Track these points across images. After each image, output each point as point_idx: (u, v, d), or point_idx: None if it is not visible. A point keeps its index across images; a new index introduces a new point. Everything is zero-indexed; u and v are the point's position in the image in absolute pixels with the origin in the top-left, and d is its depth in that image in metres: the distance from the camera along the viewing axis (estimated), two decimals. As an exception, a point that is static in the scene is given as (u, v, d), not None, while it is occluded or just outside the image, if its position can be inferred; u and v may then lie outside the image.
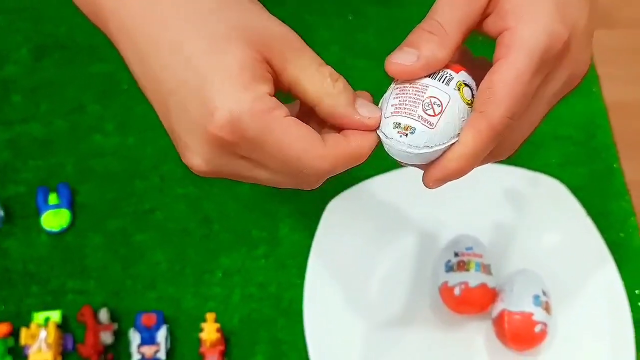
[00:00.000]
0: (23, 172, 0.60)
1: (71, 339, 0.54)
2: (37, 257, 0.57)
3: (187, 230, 0.59)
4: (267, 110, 0.31)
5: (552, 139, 0.63)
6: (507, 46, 0.32)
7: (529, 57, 0.32)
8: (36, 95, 0.63)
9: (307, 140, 0.31)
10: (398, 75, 0.33)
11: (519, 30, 0.32)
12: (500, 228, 0.58)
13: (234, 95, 0.30)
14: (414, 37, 0.33)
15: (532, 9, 0.32)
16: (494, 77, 0.32)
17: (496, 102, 0.32)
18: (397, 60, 0.32)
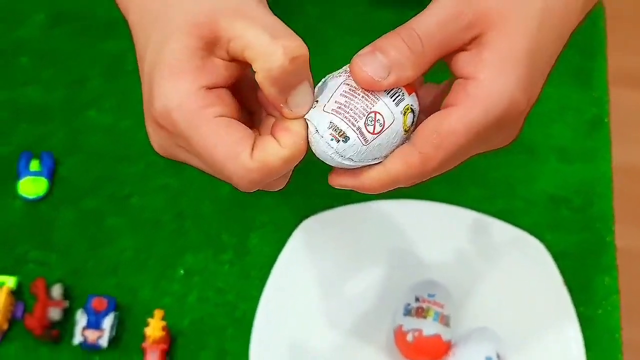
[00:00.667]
0: (13, 134, 0.60)
1: (22, 308, 0.54)
2: (7, 221, 0.57)
3: (159, 222, 0.58)
4: (197, 107, 0.30)
5: (548, 199, 0.61)
6: (468, 96, 0.31)
7: (485, 116, 0.31)
8: (43, 61, 0.64)
9: (233, 147, 0.30)
10: (362, 85, 0.31)
11: (486, 87, 0.31)
12: (470, 280, 0.56)
13: (169, 88, 0.30)
14: (388, 45, 0.31)
15: (506, 69, 0.31)
16: (445, 123, 0.31)
17: (438, 150, 0.31)
18: (367, 69, 0.31)
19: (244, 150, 0.30)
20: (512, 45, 0.31)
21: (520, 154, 0.62)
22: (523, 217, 0.59)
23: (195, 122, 0.30)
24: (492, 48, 0.31)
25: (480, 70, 0.31)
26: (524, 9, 0.32)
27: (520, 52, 0.31)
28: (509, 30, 0.31)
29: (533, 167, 0.62)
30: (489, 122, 0.31)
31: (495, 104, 0.31)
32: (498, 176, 0.61)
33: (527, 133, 0.62)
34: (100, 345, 0.52)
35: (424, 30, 0.31)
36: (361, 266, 0.56)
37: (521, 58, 0.31)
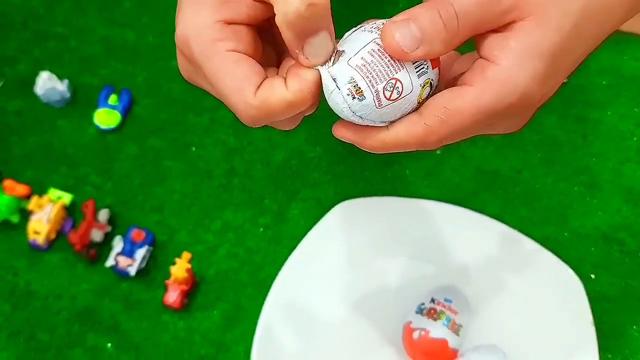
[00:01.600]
0: (103, 68, 0.65)
1: (71, 224, 0.58)
2: (79, 144, 0.62)
3: (210, 174, 0.61)
4: (211, 39, 0.31)
5: (600, 237, 0.58)
6: (485, 79, 0.31)
7: (495, 103, 0.31)
8: (144, 7, 0.68)
9: (239, 82, 0.31)
10: (389, 52, 0.31)
11: (504, 74, 0.31)
12: (494, 298, 0.54)
13: (189, 16, 0.31)
14: (424, 17, 0.30)
15: (528, 61, 0.31)
16: (456, 101, 0.31)
17: (443, 126, 0.31)
18: (398, 39, 0.30)
19: (249, 86, 0.31)
20: (541, 39, 0.30)
21: (581, 186, 0.59)
22: (569, 250, 0.57)
23: (207, 52, 0.31)
24: (521, 37, 0.31)
25: (504, 56, 0.31)
26: (562, 5, 0.31)
27: (547, 47, 0.30)
28: (543, 23, 0.31)
29: (593, 201, 0.59)
30: (499, 109, 0.31)
31: (508, 93, 0.31)
32: (552, 203, 0.59)
33: (595, 165, 0.60)
34: (129, 273, 0.56)
35: (463, 8, 0.30)
36: (387, 257, 0.56)
37: (546, 53, 0.31)
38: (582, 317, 0.53)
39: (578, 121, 0.62)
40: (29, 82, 0.63)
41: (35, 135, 0.62)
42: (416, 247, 0.56)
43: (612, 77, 0.64)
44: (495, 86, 0.30)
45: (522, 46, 0.30)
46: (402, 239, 0.56)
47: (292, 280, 0.55)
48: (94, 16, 0.67)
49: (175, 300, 0.55)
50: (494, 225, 0.57)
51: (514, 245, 0.56)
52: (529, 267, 0.55)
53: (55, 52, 0.65)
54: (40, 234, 0.57)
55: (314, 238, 0.56)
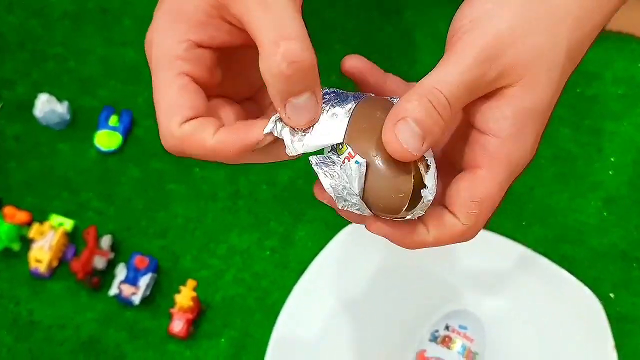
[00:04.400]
0: (103, 89, 0.64)
1: (73, 251, 0.57)
2: (80, 168, 0.61)
3: (215, 197, 0.60)
4: (172, 54, 0.30)
5: (618, 256, 0.56)
6: (492, 157, 0.30)
7: (510, 174, 0.31)
8: (144, 25, 0.66)
9: (172, 107, 0.30)
10: (402, 159, 0.29)
11: (508, 146, 0.30)
12: (511, 323, 0.52)
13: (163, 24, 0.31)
14: (419, 110, 0.29)
15: (527, 128, 0.30)
16: (479, 191, 0.31)
17: (479, 219, 0.31)
18: (402, 140, 0.29)
19: (177, 116, 0.30)
20: (534, 103, 0.30)
21: (598, 201, 0.58)
22: (587, 269, 0.55)
23: (162, 65, 0.30)
24: (516, 105, 0.30)
25: (503, 128, 0.30)
26: (549, 60, 0.30)
27: (542, 108, 0.30)
28: (534, 85, 0.30)
29: (610, 218, 0.57)
30: (513, 176, 0.31)
31: (518, 161, 0.31)
32: (568, 220, 0.57)
33: (611, 179, 0.58)
34: (133, 301, 0.54)
35: (451, 92, 0.29)
36: (398, 281, 0.54)
37: (541, 114, 0.30)
38: (603, 339, 0.51)
39: (593, 133, 0.60)
40: (28, 105, 0.62)
41: (35, 160, 0.61)
42: (428, 270, 0.54)
43: (628, 86, 0.62)
44: (506, 162, 0.30)
45: (518, 115, 0.30)
46: (413, 261, 0.54)
47: (300, 306, 0.53)
48: (93, 36, 0.66)
49: (180, 329, 0.53)
50: (509, 245, 0.55)
51: (529, 266, 0.54)
52: (546, 289, 0.53)
53: (54, 74, 0.64)
54: (42, 262, 0.56)
55: (322, 262, 0.55)
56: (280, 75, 0.28)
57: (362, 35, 0.65)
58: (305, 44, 0.29)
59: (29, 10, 0.66)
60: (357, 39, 0.65)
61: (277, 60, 0.28)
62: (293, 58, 0.28)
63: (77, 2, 0.67)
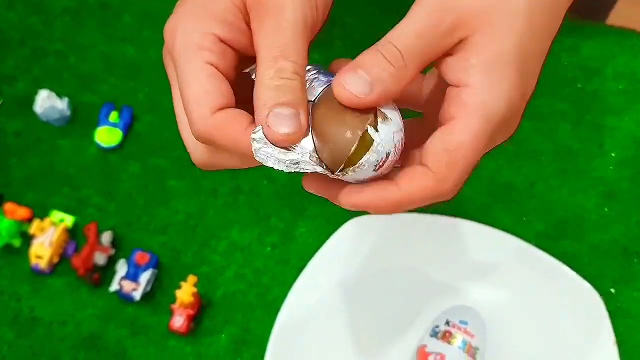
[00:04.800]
0: (103, 84, 0.64)
1: (73, 247, 0.57)
2: (80, 164, 0.61)
3: (216, 192, 0.60)
4: (198, 44, 0.31)
5: (619, 251, 0.56)
6: (466, 106, 0.30)
7: (486, 124, 0.30)
8: (144, 21, 0.66)
9: (204, 93, 0.30)
10: (348, 104, 0.30)
11: (481, 93, 0.30)
12: (512, 318, 0.52)
13: (188, 16, 0.31)
14: (368, 60, 0.30)
15: (497, 73, 0.30)
16: (452, 140, 0.30)
17: (452, 169, 0.30)
18: (350, 87, 0.30)
19: (212, 102, 0.30)
20: (500, 47, 0.30)
21: (599, 197, 0.57)
22: (588, 265, 0.55)
23: (189, 54, 0.31)
24: (480, 52, 0.30)
25: (472, 76, 0.30)
26: (506, 8, 0.30)
27: (509, 53, 0.30)
28: (494, 32, 0.30)
29: (611, 213, 0.57)
30: (491, 128, 0.30)
31: (494, 110, 0.30)
32: (569, 216, 0.57)
33: (612, 175, 0.58)
34: (133, 297, 0.54)
35: (404, 43, 0.30)
36: (399, 275, 0.54)
37: (511, 59, 0.30)
38: (604, 335, 0.51)
39: (593, 129, 0.60)
40: (28, 101, 0.62)
41: (36, 156, 0.61)
42: (429, 266, 0.54)
43: (629, 81, 0.62)
44: (479, 108, 0.30)
45: (485, 61, 0.30)
46: (414, 256, 0.54)
47: (301, 302, 0.53)
48: (94, 32, 0.66)
49: (181, 325, 0.53)
50: (509, 240, 0.55)
51: (530, 261, 0.54)
52: (547, 284, 0.53)
53: (54, 70, 0.64)
54: (42, 258, 0.56)
55: (323, 258, 0.55)
56: (268, 84, 0.29)
57: (363, 31, 0.65)
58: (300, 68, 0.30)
59: (30, 6, 0.66)
60: (358, 35, 0.65)
61: (270, 74, 0.29)
62: (284, 75, 0.29)
63: (77, -2, 0.67)
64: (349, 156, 0.30)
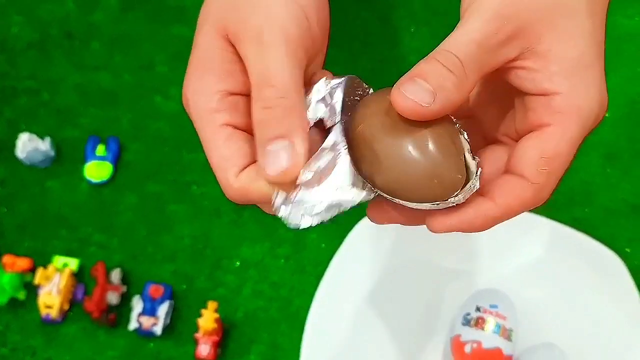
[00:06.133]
0: (83, 117, 0.61)
1: (82, 290, 0.55)
2: (73, 203, 0.59)
3: (218, 212, 0.58)
4: (209, 108, 0.30)
5: (629, 210, 0.56)
6: (561, 113, 0.29)
7: (582, 129, 0.30)
8: (114, 46, 0.64)
9: (224, 160, 0.30)
10: (407, 114, 0.29)
11: (574, 98, 0.29)
12: (537, 293, 0.52)
13: (193, 80, 0.31)
14: (427, 70, 0.28)
15: (583, 76, 0.29)
16: (550, 147, 0.29)
17: (550, 177, 0.30)
18: (411, 95, 0.28)
19: (232, 167, 0.29)
20: (576, 51, 0.29)
21: (600, 158, 0.58)
22: (601, 227, 0.55)
23: (203, 121, 0.30)
24: (559, 59, 0.29)
25: (559, 83, 0.29)
26: (567, 11, 0.29)
27: (587, 54, 0.29)
28: (564, 36, 0.29)
29: (615, 173, 0.57)
30: (586, 132, 0.30)
31: (588, 114, 0.29)
32: (575, 182, 0.57)
33: (609, 135, 0.58)
34: (154, 332, 0.53)
35: (463, 51, 0.29)
36: (420, 270, 0.54)
37: (591, 60, 0.29)
38: (629, 295, 0.51)
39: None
40: (8, 146, 0.59)
41: (25, 202, 0.59)
42: (445, 256, 0.54)
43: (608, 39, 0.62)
44: (574, 113, 0.29)
45: (566, 66, 0.29)
46: (428, 249, 0.54)
47: (325, 309, 0.53)
48: (63, 63, 0.63)
49: (208, 353, 0.52)
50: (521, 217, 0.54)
51: (544, 233, 0.54)
52: (564, 253, 0.54)
53: (28, 109, 0.61)
54: (52, 307, 0.54)
55: (340, 262, 0.54)
56: (256, 121, 0.29)
57: (338, 24, 0.64)
58: (284, 90, 0.29)
59: (-10, 46, 0.63)
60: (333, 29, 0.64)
61: (256, 107, 0.29)
62: (268, 104, 0.29)
63: (39, 31, 0.64)
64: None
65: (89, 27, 0.65)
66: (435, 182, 0.28)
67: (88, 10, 0.65)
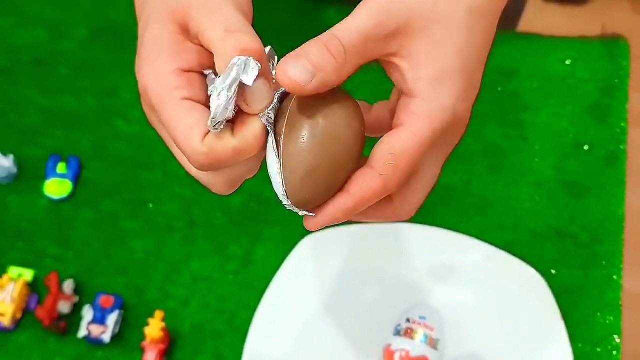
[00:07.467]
0: (46, 137, 0.65)
1: (35, 300, 0.57)
2: (32, 218, 0.61)
3: (171, 228, 0.61)
4: (167, 87, 0.32)
5: (554, 234, 0.60)
6: (413, 114, 0.33)
7: (432, 132, 0.33)
8: (79, 71, 0.68)
9: (188, 128, 0.32)
10: (290, 89, 0.32)
11: (428, 103, 0.33)
12: (465, 307, 0.56)
13: (146, 68, 0.33)
14: (312, 51, 0.32)
15: (444, 83, 0.33)
16: (397, 144, 0.33)
17: (396, 170, 0.33)
18: (292, 74, 0.32)
19: (197, 133, 0.31)
20: (444, 62, 0.33)
21: (529, 186, 0.62)
22: (527, 249, 0.59)
23: (164, 100, 0.32)
24: (427, 66, 0.33)
25: (420, 88, 0.33)
26: (447, 23, 0.33)
27: (453, 67, 0.33)
28: (437, 42, 0.33)
29: (542, 200, 0.62)
30: (436, 136, 0.33)
31: (439, 119, 0.33)
32: (506, 208, 0.62)
33: (538, 165, 0.63)
34: (102, 340, 0.55)
35: (346, 38, 0.32)
36: (358, 285, 0.57)
37: (455, 73, 0.33)
38: (550, 311, 0.55)
39: (516, 125, 0.65)
40: (-28, 162, 0.62)
41: (-14, 215, 0.61)
42: (384, 270, 0.57)
43: (541, 79, 0.67)
44: (424, 117, 0.33)
45: (431, 74, 0.33)
46: (369, 264, 0.57)
47: (267, 322, 0.55)
48: (29, 86, 0.67)
49: (154, 360, 0.54)
50: (454, 237, 0.59)
51: (475, 254, 0.58)
52: (493, 272, 0.57)
53: (-6, 128, 0.65)
54: (4, 315, 0.56)
55: (283, 276, 0.57)
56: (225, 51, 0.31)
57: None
58: (252, 35, 0.32)
59: (-40, 69, 0.67)
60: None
61: (228, 51, 0.31)
62: (243, 46, 0.31)
63: (9, 56, 0.68)
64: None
65: (57, 53, 0.68)
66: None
67: (57, 38, 0.69)
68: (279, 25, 0.68)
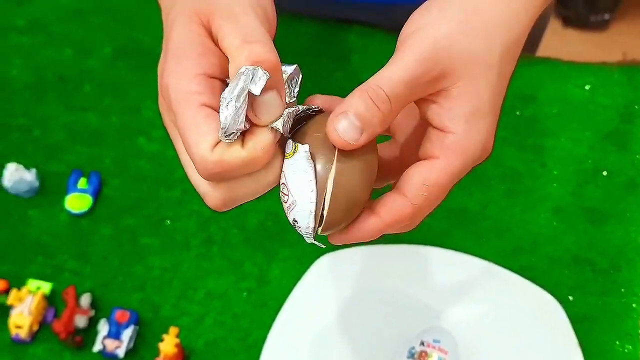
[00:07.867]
0: (69, 153, 0.66)
1: (53, 312, 0.58)
2: (52, 232, 0.62)
3: (188, 245, 0.62)
4: (188, 91, 0.32)
5: (572, 260, 0.60)
6: (449, 149, 0.34)
7: (464, 166, 0.34)
8: (104, 90, 0.69)
9: (201, 135, 0.32)
10: (341, 147, 0.33)
11: (464, 140, 0.34)
12: (481, 333, 0.55)
13: (172, 68, 0.33)
14: (358, 105, 0.33)
15: (479, 121, 0.34)
16: (432, 177, 0.34)
17: (428, 201, 0.34)
18: (343, 134, 0.33)
19: (208, 141, 0.31)
20: (479, 101, 0.34)
21: (547, 212, 0.62)
22: (544, 275, 0.59)
23: (183, 103, 0.32)
24: (463, 104, 0.34)
25: (457, 125, 0.34)
26: (485, 61, 0.34)
27: (486, 105, 0.34)
28: (475, 83, 0.34)
29: (560, 226, 0.61)
30: (467, 168, 0.35)
31: (472, 155, 0.34)
32: (522, 232, 0.61)
33: (557, 191, 0.62)
34: (117, 355, 0.55)
35: (392, 89, 0.33)
36: (373, 306, 0.57)
37: (487, 110, 0.34)
38: (567, 339, 0.54)
39: (535, 150, 0.65)
40: (-4, 176, 0.63)
41: (7, 228, 0.62)
42: (399, 291, 0.57)
43: (561, 105, 0.67)
44: (460, 153, 0.34)
45: (467, 111, 0.34)
46: (384, 284, 0.57)
47: (281, 342, 0.55)
48: (55, 104, 0.68)
49: (167, 377, 0.54)
50: (471, 261, 0.58)
51: (492, 278, 0.58)
52: (509, 297, 0.57)
53: (19, 143, 0.66)
54: (22, 327, 0.56)
55: (298, 297, 0.57)
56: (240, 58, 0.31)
57: (314, 81, 0.69)
58: (268, 46, 0.32)
59: (-11, 85, 0.68)
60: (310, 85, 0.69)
61: (241, 62, 0.31)
62: (257, 58, 0.31)
63: (36, 74, 0.70)
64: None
65: (82, 72, 0.70)
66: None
67: (83, 57, 0.71)
68: (300, 47, 0.69)
